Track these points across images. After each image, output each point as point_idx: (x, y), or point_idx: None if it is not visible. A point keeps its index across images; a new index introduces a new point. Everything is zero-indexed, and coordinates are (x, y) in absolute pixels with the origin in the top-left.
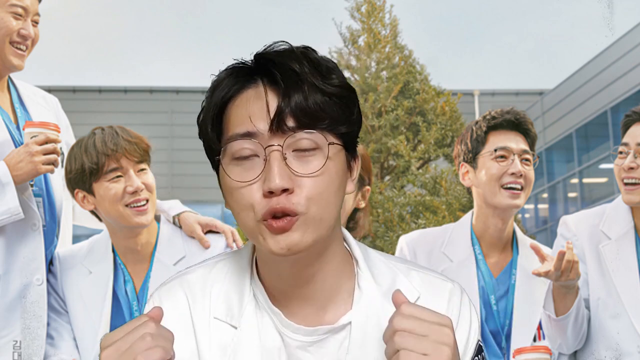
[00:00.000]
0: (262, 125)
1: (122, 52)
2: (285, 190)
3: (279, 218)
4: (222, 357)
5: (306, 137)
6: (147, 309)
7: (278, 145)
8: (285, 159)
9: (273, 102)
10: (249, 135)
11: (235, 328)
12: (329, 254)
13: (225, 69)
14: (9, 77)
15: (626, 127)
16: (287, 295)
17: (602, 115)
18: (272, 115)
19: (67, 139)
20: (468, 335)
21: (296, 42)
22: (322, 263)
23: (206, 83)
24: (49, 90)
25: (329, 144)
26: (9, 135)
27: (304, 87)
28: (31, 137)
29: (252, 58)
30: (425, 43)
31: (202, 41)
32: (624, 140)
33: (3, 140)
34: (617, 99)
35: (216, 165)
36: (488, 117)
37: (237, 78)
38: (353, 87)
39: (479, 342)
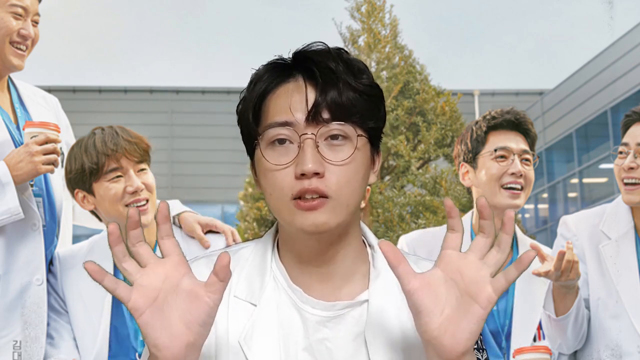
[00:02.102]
0: (300, 115)
1: (122, 52)
2: (316, 175)
3: (309, 199)
4: (240, 333)
5: (338, 128)
6: None
7: (312, 133)
8: (317, 146)
9: (311, 95)
10: (287, 124)
11: (255, 306)
12: (349, 237)
13: (265, 65)
14: (9, 77)
15: (626, 127)
16: (307, 275)
17: (602, 115)
18: (309, 107)
19: (67, 139)
20: None
21: (296, 42)
22: (342, 244)
23: (206, 83)
24: (49, 90)
25: (358, 136)
26: (9, 135)
27: (339, 84)
28: (31, 137)
29: (290, 56)
30: (425, 43)
31: (202, 41)
32: (624, 140)
33: (3, 140)
34: (617, 99)
35: (252, 150)
36: (488, 117)
37: (277, 73)
38: (380, 87)
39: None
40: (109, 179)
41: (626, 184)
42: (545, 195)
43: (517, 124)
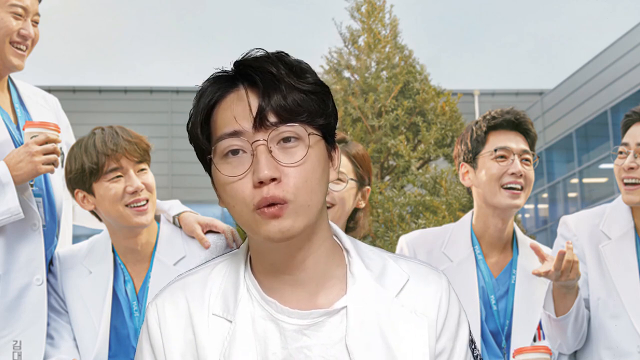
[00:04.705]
0: (246, 123)
1: (122, 52)
2: (273, 180)
3: (271, 206)
4: (219, 350)
5: (288, 130)
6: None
7: (263, 139)
8: (270, 151)
9: (254, 102)
10: (235, 134)
11: (231, 322)
12: (318, 240)
13: (208, 79)
14: (9, 77)
15: (626, 127)
16: (280, 284)
17: (602, 115)
18: (254, 113)
19: (67, 139)
20: (458, 322)
21: (296, 42)
22: (312, 248)
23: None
24: (49, 90)
25: (309, 134)
26: (9, 135)
27: (282, 87)
28: (31, 137)
29: (232, 66)
30: (425, 43)
31: (202, 41)
32: (624, 140)
33: (3, 140)
34: (617, 99)
35: (208, 166)
36: (488, 117)
37: (220, 85)
38: (326, 84)
39: (471, 335)
40: (109, 179)
41: (626, 184)
42: (545, 195)
43: (517, 124)
